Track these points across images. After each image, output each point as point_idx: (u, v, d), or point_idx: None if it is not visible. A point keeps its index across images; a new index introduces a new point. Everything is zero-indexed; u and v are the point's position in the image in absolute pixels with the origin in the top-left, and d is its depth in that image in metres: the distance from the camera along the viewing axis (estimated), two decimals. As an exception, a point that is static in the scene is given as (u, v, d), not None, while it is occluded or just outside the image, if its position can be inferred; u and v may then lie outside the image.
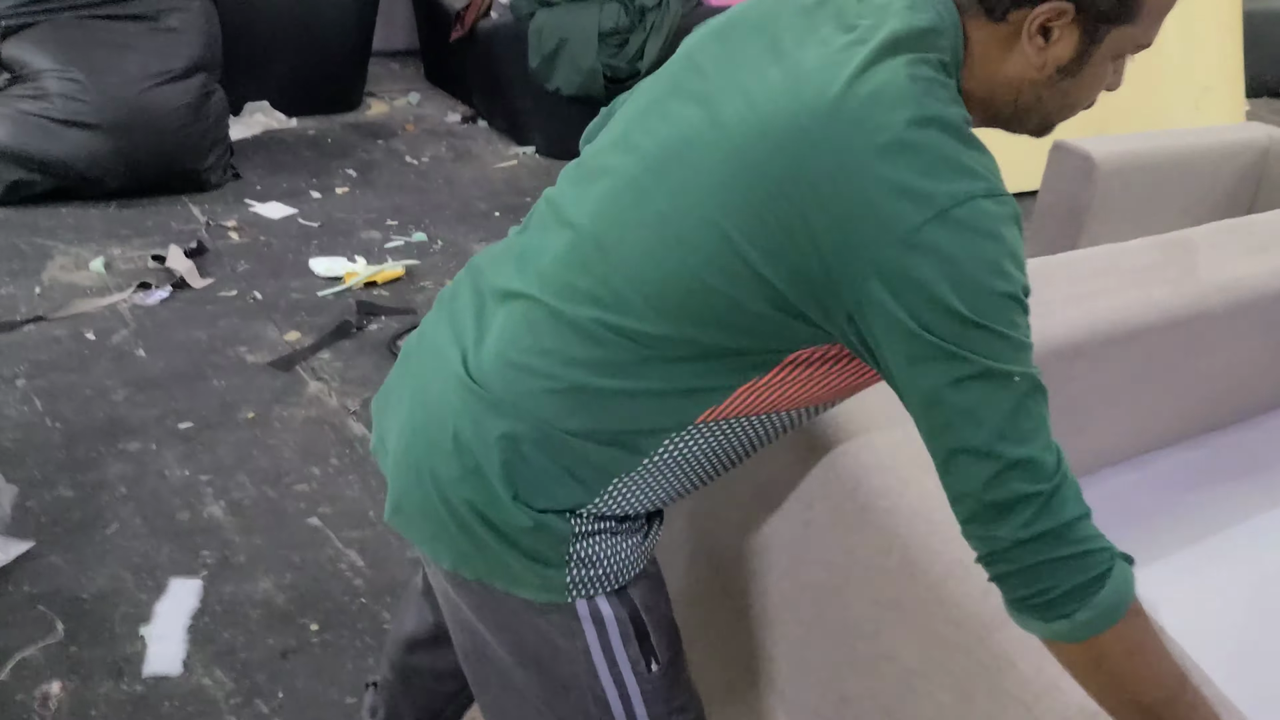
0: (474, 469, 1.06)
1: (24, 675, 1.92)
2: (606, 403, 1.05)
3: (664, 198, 1.03)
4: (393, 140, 4.77)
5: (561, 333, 1.05)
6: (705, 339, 1.02)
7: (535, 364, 1.05)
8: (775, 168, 0.96)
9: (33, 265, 3.39)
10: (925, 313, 0.90)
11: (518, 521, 1.06)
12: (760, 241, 0.97)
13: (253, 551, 2.27)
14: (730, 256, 0.98)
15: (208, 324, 3.14)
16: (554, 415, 1.05)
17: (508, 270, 1.12)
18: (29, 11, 3.80)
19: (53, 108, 3.69)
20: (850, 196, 0.93)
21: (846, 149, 0.93)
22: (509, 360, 1.07)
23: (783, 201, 0.95)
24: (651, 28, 4.56)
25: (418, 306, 3.35)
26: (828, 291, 0.96)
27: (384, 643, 1.97)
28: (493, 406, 1.06)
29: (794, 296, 0.98)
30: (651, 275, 1.02)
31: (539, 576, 1.09)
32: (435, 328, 1.17)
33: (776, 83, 1.00)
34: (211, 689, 1.93)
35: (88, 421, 2.65)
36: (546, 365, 1.05)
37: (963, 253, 0.90)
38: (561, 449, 1.06)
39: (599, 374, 1.04)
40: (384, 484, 2.67)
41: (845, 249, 0.93)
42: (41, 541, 2.23)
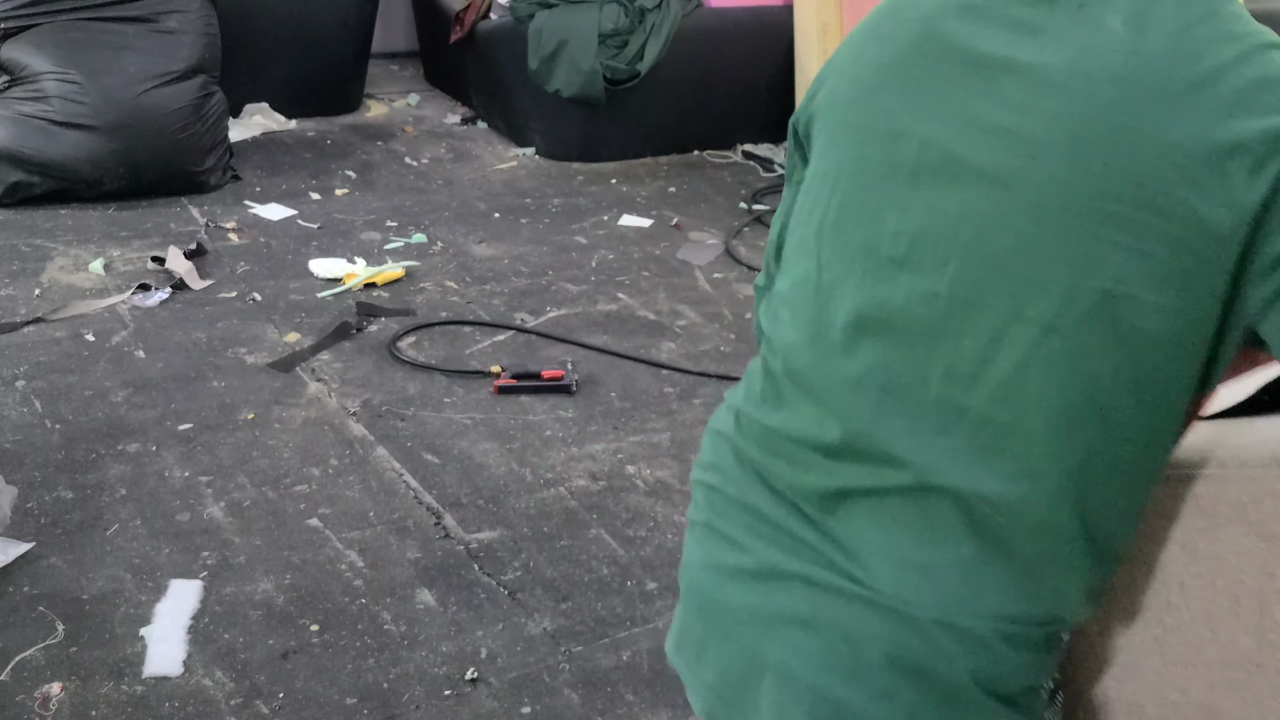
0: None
1: (24, 676, 1.92)
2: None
3: (1014, 304, 0.87)
4: (392, 141, 4.77)
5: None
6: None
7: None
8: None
9: (32, 267, 3.39)
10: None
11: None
12: (1153, 271, 0.84)
13: (252, 552, 2.27)
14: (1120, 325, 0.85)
15: (207, 325, 3.14)
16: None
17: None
18: (28, 14, 3.81)
19: (52, 109, 3.69)
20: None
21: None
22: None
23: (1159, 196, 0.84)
24: (651, 29, 4.56)
25: (417, 308, 3.35)
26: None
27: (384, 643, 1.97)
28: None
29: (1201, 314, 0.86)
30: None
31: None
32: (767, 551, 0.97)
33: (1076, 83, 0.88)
34: (212, 690, 1.93)
35: (87, 423, 2.65)
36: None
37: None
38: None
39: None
40: (383, 484, 2.68)
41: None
42: (41, 543, 2.23)
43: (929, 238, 0.91)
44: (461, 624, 2.13)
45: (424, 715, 1.92)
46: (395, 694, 1.96)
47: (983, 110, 0.91)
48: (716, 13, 4.79)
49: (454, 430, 2.74)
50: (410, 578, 2.24)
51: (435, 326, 3.25)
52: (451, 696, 1.96)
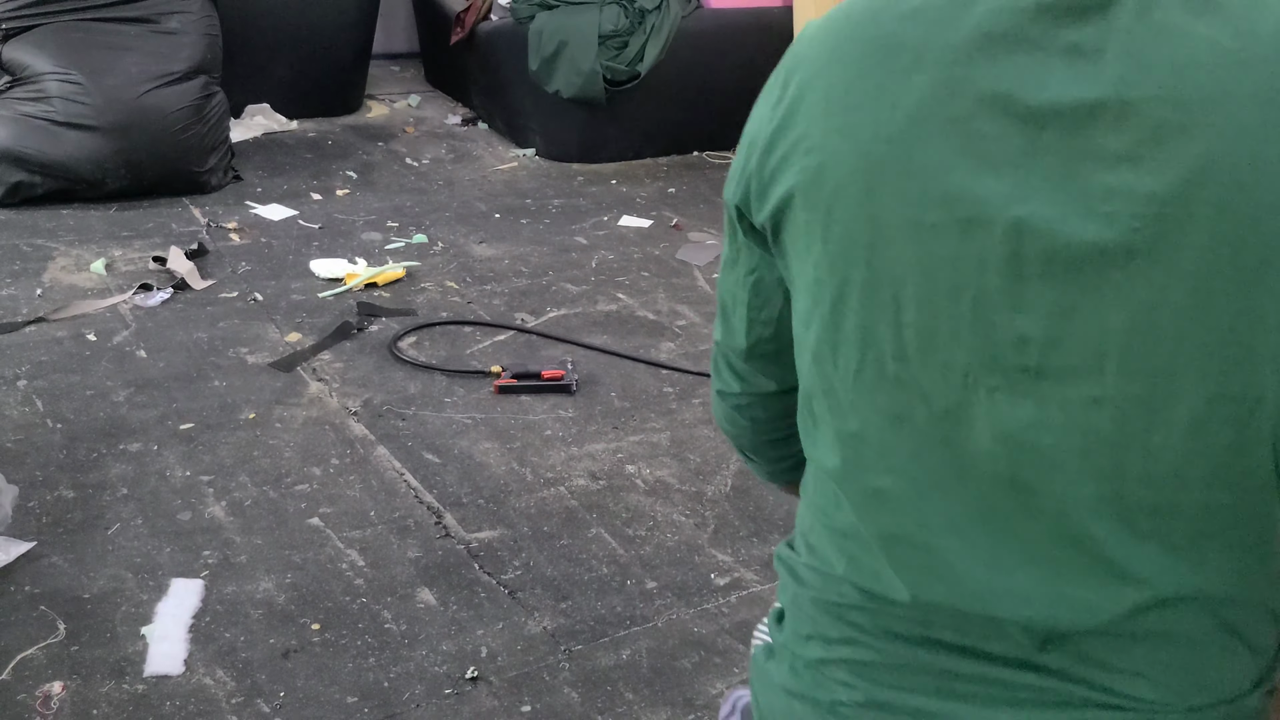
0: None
1: (25, 675, 1.93)
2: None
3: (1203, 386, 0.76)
4: (393, 142, 4.78)
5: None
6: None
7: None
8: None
9: (34, 267, 3.40)
10: None
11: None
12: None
13: (253, 551, 2.27)
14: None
15: (208, 325, 3.15)
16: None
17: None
18: (29, 14, 3.81)
19: (53, 110, 3.70)
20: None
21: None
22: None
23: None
24: (651, 30, 4.57)
25: (418, 308, 3.36)
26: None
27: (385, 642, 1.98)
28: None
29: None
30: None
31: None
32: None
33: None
34: (213, 689, 1.94)
35: (89, 422, 2.65)
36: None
37: None
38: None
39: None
40: (384, 484, 2.68)
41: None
42: (43, 542, 2.24)
43: (1067, 340, 0.77)
44: (462, 623, 2.13)
45: (424, 714, 1.92)
46: (396, 693, 1.96)
47: (1071, 174, 0.75)
48: (716, 14, 4.80)
49: (454, 430, 2.75)
50: (411, 577, 2.25)
51: (436, 326, 3.26)
52: (452, 695, 1.97)
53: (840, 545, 0.89)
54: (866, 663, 0.88)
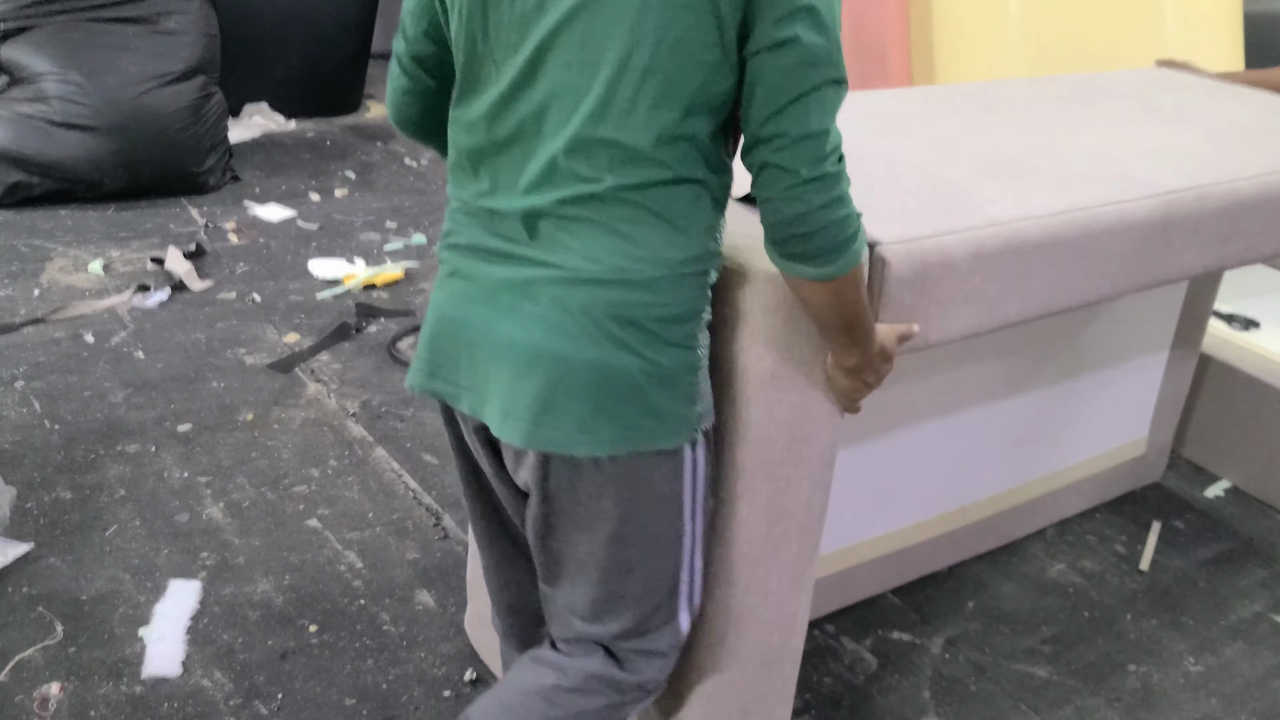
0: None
1: (23, 677, 1.92)
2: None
3: (623, 56, 1.14)
4: (391, 142, 4.78)
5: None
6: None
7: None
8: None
9: (31, 267, 3.39)
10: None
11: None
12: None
13: (252, 553, 2.27)
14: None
15: (206, 326, 3.14)
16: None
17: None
18: (28, 14, 3.81)
19: (52, 110, 3.70)
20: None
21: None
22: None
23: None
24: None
25: (416, 308, 3.35)
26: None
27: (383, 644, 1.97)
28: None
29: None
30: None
31: (681, 419, 1.25)
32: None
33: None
34: (211, 690, 1.93)
35: (86, 423, 2.65)
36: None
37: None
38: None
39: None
40: (383, 485, 2.67)
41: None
42: (40, 543, 2.23)
43: (550, 8, 1.15)
44: (460, 625, 2.12)
45: (423, 716, 1.92)
46: (394, 694, 1.96)
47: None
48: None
49: (453, 431, 2.74)
50: (409, 578, 2.24)
51: (435, 327, 3.25)
52: (451, 697, 1.96)
53: (453, 174, 1.32)
54: (453, 241, 1.32)
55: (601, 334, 1.18)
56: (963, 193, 1.56)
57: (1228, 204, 1.75)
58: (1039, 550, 2.52)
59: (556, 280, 1.19)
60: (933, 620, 2.26)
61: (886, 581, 2.31)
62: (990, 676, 2.12)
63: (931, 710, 2.03)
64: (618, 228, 1.18)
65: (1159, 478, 2.84)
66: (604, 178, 1.16)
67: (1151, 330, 2.56)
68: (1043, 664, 2.17)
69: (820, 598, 2.18)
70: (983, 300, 1.47)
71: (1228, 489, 2.82)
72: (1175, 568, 2.50)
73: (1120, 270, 1.64)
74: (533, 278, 1.21)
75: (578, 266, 1.19)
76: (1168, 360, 2.65)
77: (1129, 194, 1.64)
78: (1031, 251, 1.50)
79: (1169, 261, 1.71)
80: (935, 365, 2.12)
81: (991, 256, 1.45)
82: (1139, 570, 2.48)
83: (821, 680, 2.08)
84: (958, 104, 2.06)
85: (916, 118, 1.94)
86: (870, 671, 2.11)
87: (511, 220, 1.22)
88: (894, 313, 1.37)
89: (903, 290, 1.37)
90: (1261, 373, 2.76)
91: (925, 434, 2.17)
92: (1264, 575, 2.50)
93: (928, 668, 2.13)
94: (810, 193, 1.12)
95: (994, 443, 2.33)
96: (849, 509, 2.14)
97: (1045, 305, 1.57)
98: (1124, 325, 2.48)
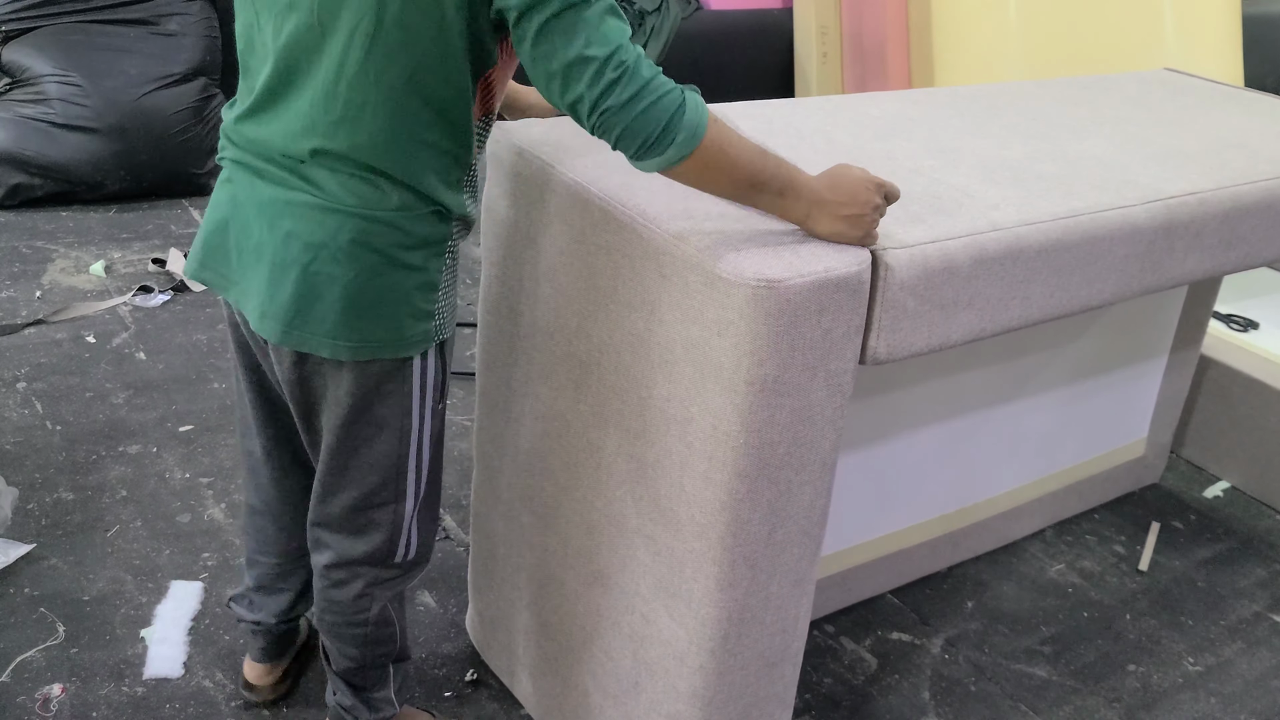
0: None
1: (25, 677, 1.92)
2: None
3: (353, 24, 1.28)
4: (392, 143, 4.77)
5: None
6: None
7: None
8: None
9: (33, 269, 3.39)
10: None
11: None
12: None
13: (253, 554, 2.27)
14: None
15: (208, 327, 3.14)
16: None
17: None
18: (29, 16, 3.81)
19: (53, 112, 3.70)
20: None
21: None
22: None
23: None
24: (651, 32, 4.56)
25: (418, 309, 3.35)
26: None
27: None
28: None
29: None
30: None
31: (417, 333, 1.43)
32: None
33: None
34: (212, 691, 1.93)
35: (88, 424, 2.65)
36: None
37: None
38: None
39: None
40: (384, 487, 2.63)
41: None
42: (42, 544, 2.24)
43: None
44: (461, 625, 2.13)
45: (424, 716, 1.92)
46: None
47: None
48: (716, 15, 4.80)
49: (453, 432, 2.75)
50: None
51: (435, 328, 3.25)
52: (452, 698, 1.96)
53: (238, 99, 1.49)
54: (231, 156, 1.46)
55: (350, 255, 1.34)
56: (966, 197, 1.56)
57: (1230, 209, 1.75)
58: (1038, 551, 2.52)
59: (314, 205, 1.34)
60: (932, 621, 2.26)
61: (886, 582, 2.31)
62: (990, 677, 2.13)
63: (931, 710, 2.03)
64: (362, 175, 1.34)
65: (1158, 478, 2.85)
66: (341, 134, 1.32)
67: (1151, 332, 2.57)
68: (1042, 664, 2.18)
69: (820, 598, 2.19)
70: (985, 305, 1.47)
71: (1227, 489, 2.83)
72: (1175, 568, 2.51)
73: (1122, 275, 1.64)
74: (294, 200, 1.36)
75: (333, 195, 1.34)
76: (1167, 361, 2.66)
77: (1132, 199, 1.65)
78: (1034, 256, 1.50)
79: (1171, 266, 1.72)
80: (937, 368, 2.12)
81: (994, 261, 1.46)
82: (1138, 570, 2.49)
83: (821, 681, 2.08)
84: (960, 107, 2.06)
85: (919, 121, 1.94)
86: (870, 672, 2.11)
87: (278, 153, 1.38)
88: (896, 317, 1.38)
89: (905, 295, 1.37)
90: (1261, 373, 2.76)
91: (926, 435, 2.18)
92: (1263, 575, 2.51)
93: (927, 668, 2.14)
94: (608, 113, 1.22)
95: (994, 444, 2.34)
96: (849, 510, 2.14)
97: (1047, 310, 1.57)
98: (1124, 327, 2.49)
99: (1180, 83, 2.47)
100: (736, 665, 1.51)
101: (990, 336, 1.53)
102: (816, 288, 1.28)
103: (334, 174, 1.35)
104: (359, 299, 1.36)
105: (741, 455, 1.37)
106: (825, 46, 4.72)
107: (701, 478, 1.38)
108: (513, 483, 1.78)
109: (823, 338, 1.32)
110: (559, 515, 1.68)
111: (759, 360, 1.31)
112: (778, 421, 1.36)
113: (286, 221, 1.36)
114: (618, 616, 1.61)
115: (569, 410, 1.60)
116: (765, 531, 1.42)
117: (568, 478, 1.63)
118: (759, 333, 1.30)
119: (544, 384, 1.64)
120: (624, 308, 1.44)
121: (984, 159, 1.75)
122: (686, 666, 1.52)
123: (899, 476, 2.18)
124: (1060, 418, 2.45)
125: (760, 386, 1.33)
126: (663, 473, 1.44)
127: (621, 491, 1.53)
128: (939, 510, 2.32)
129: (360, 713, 1.72)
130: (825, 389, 1.37)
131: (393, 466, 1.52)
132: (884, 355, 1.40)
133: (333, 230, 1.34)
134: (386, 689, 1.74)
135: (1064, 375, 2.40)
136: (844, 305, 1.32)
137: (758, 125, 1.78)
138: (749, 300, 1.29)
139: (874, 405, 2.06)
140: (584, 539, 1.63)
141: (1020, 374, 2.30)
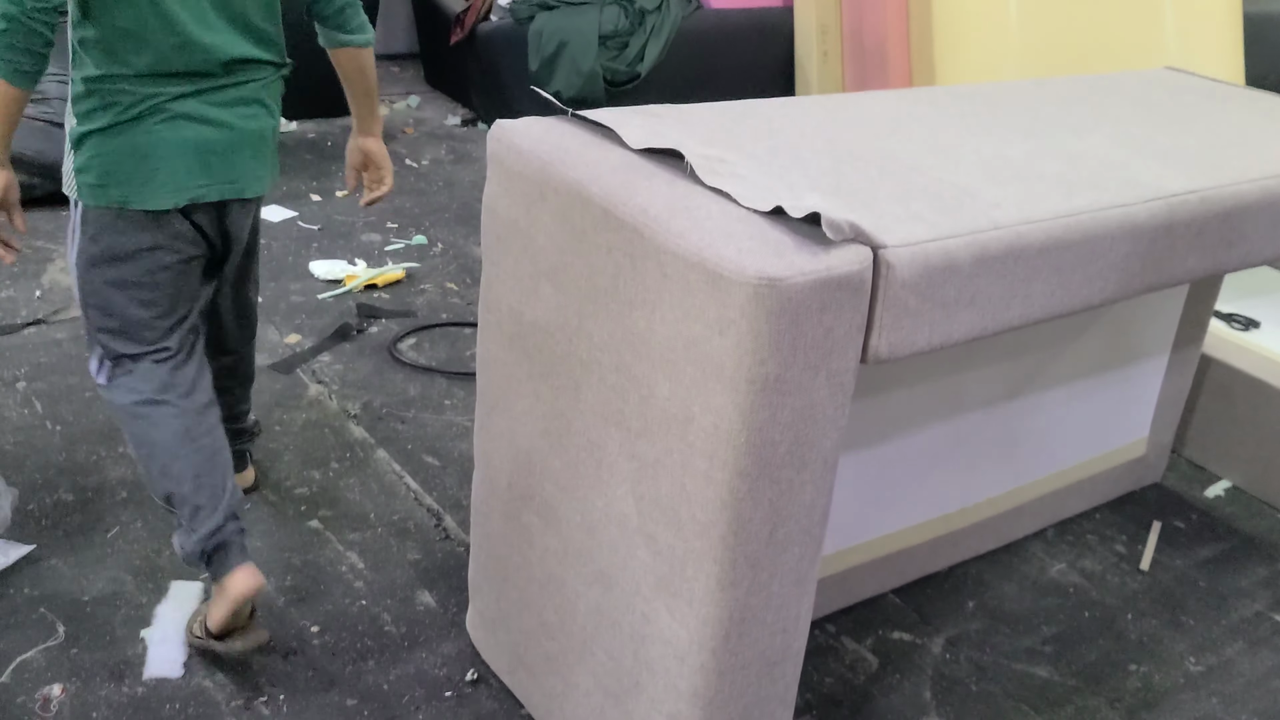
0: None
1: (25, 678, 1.92)
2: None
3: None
4: (393, 143, 4.77)
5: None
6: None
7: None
8: None
9: (33, 268, 3.39)
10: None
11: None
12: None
13: (253, 554, 2.26)
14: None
15: (208, 327, 3.14)
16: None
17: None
18: (29, 15, 3.80)
19: (52, 111, 3.70)
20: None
21: None
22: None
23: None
24: (651, 31, 4.56)
25: (418, 309, 3.35)
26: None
27: (384, 645, 1.97)
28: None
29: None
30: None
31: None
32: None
33: None
34: (212, 691, 1.93)
35: (88, 424, 2.65)
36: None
37: None
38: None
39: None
40: (384, 486, 2.67)
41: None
42: (42, 544, 2.23)
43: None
44: (462, 625, 2.13)
45: (424, 716, 1.92)
46: (396, 695, 1.96)
47: None
48: (717, 14, 4.79)
49: (454, 432, 2.74)
50: (411, 579, 2.24)
51: (436, 328, 3.25)
52: (452, 698, 1.96)
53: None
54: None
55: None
56: (967, 196, 1.56)
57: (1231, 207, 1.75)
58: (1039, 550, 2.52)
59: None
60: (933, 620, 2.26)
61: (887, 582, 2.31)
62: (991, 676, 2.13)
63: (932, 710, 2.03)
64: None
65: (1160, 478, 2.85)
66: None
67: (1152, 331, 2.57)
68: (1043, 664, 2.18)
69: (821, 598, 2.19)
70: (986, 303, 1.47)
71: (1228, 489, 2.83)
72: (1176, 567, 2.51)
73: (1124, 274, 1.64)
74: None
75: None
76: (1168, 360, 2.65)
77: (1132, 197, 1.64)
78: (1035, 255, 1.50)
79: (1172, 265, 1.71)
80: (938, 367, 2.12)
81: (995, 260, 1.45)
82: (1139, 570, 2.49)
83: (822, 680, 2.08)
84: (961, 106, 2.06)
85: (919, 119, 1.94)
86: (871, 671, 2.11)
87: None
88: (897, 315, 1.38)
89: (906, 293, 1.37)
90: (1263, 373, 2.76)
91: (927, 435, 2.17)
92: (1264, 575, 2.51)
93: (928, 668, 2.13)
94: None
95: (995, 443, 2.34)
96: (850, 509, 2.14)
97: (1048, 308, 1.57)
98: (1125, 326, 2.48)
99: (1181, 82, 2.47)
100: (737, 665, 1.51)
101: (991, 335, 1.53)
102: (818, 286, 1.28)
103: (250, 73, 1.99)
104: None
105: (743, 454, 1.36)
106: (826, 45, 4.72)
107: (702, 477, 1.38)
108: (513, 482, 1.78)
109: (824, 336, 1.32)
110: (559, 515, 1.68)
111: (760, 359, 1.31)
112: (779, 420, 1.35)
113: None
114: (618, 616, 1.60)
115: (569, 409, 1.60)
116: (766, 531, 1.42)
117: (568, 477, 1.63)
118: (760, 331, 1.30)
119: (544, 383, 1.64)
120: (624, 306, 1.44)
121: (985, 158, 1.75)
122: (687, 666, 1.52)
123: (900, 476, 2.18)
124: (1061, 417, 2.45)
125: (761, 385, 1.32)
126: (664, 472, 1.44)
127: (622, 491, 1.52)
128: (940, 510, 2.32)
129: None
130: (827, 388, 1.37)
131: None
132: (885, 354, 1.40)
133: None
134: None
135: (1064, 374, 2.40)
136: (845, 304, 1.32)
137: (758, 124, 1.78)
138: (750, 299, 1.28)
139: (875, 405, 2.06)
140: (584, 538, 1.63)
141: (1020, 373, 2.30)
